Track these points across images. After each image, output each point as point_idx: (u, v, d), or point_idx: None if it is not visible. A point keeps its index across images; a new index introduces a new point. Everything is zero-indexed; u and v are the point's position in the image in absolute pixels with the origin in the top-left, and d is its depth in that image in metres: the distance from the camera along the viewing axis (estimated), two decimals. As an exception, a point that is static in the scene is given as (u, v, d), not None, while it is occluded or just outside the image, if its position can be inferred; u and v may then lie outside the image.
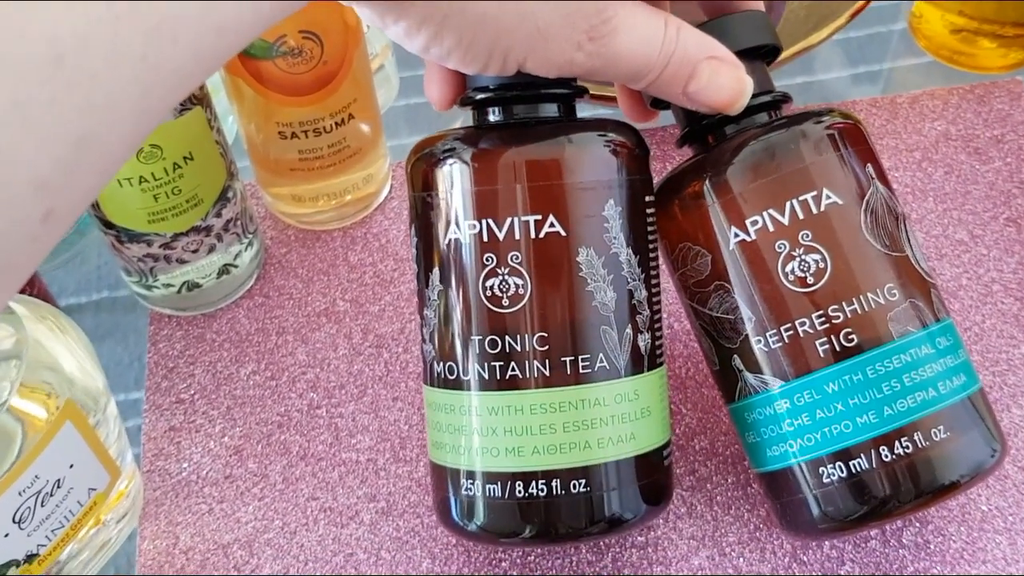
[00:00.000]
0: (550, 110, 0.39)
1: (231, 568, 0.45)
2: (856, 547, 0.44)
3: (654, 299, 0.40)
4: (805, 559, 0.44)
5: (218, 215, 0.49)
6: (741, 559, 0.44)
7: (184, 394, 0.50)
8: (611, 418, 0.38)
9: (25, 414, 0.38)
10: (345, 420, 0.49)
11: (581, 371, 0.37)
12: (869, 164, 0.39)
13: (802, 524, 0.40)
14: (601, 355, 0.38)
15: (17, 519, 0.38)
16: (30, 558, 0.40)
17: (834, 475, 0.38)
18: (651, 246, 0.40)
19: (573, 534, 0.38)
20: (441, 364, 0.39)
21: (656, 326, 0.40)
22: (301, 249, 0.55)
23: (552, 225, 0.37)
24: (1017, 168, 0.57)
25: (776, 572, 0.44)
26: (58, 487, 0.40)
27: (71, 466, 0.40)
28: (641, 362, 0.39)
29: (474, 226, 0.37)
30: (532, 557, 0.45)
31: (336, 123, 0.50)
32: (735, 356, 0.40)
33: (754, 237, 0.38)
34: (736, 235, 0.38)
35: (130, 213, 0.46)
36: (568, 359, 0.37)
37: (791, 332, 0.38)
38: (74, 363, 0.41)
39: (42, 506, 0.39)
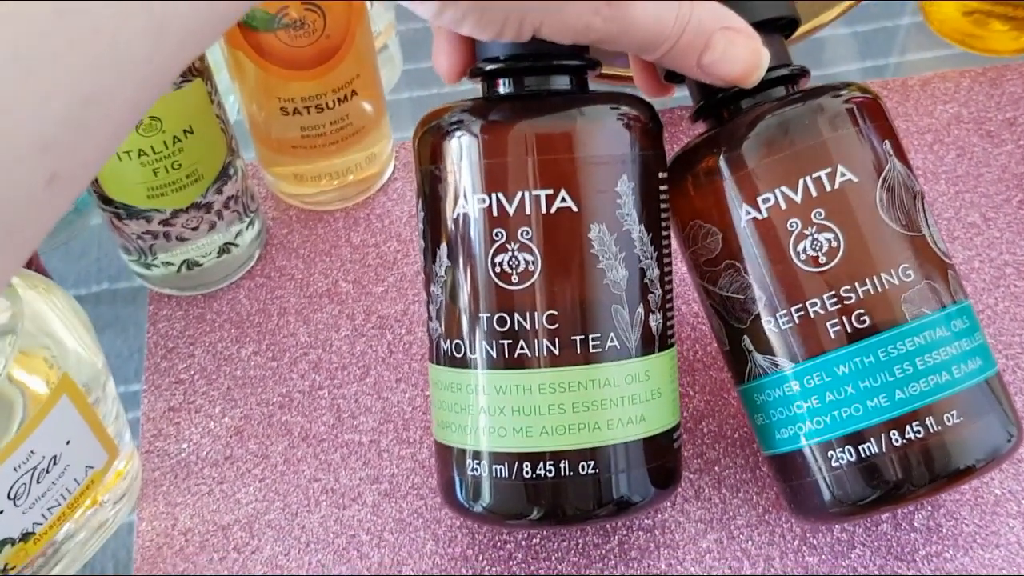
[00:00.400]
0: (562, 83, 0.38)
1: (231, 549, 0.44)
2: (867, 530, 0.43)
3: (666, 278, 0.39)
4: (815, 542, 0.43)
5: (219, 192, 0.48)
6: (750, 542, 0.44)
7: (184, 374, 0.50)
8: (621, 399, 0.37)
9: (25, 386, 0.37)
10: (347, 401, 0.48)
11: (591, 350, 0.36)
12: (887, 140, 0.38)
13: (811, 508, 0.39)
14: (612, 335, 0.37)
15: (12, 495, 0.38)
16: (26, 536, 0.39)
17: (844, 459, 0.37)
18: (664, 223, 0.39)
19: (581, 516, 0.37)
20: (448, 342, 0.38)
21: (668, 306, 0.39)
22: (303, 230, 0.55)
23: (564, 200, 0.36)
24: (1030, 150, 0.56)
25: (785, 555, 0.43)
26: (54, 463, 0.39)
27: (68, 442, 0.39)
28: (652, 342, 0.38)
29: (484, 200, 0.36)
30: (537, 539, 0.44)
31: (338, 99, 0.49)
32: (745, 336, 0.39)
33: (766, 215, 0.37)
34: (748, 213, 0.38)
35: (129, 188, 0.45)
36: (578, 338, 0.36)
37: (802, 313, 0.37)
38: (73, 337, 0.40)
39: (38, 483, 0.38)
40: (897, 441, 0.36)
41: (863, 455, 0.37)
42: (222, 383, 0.49)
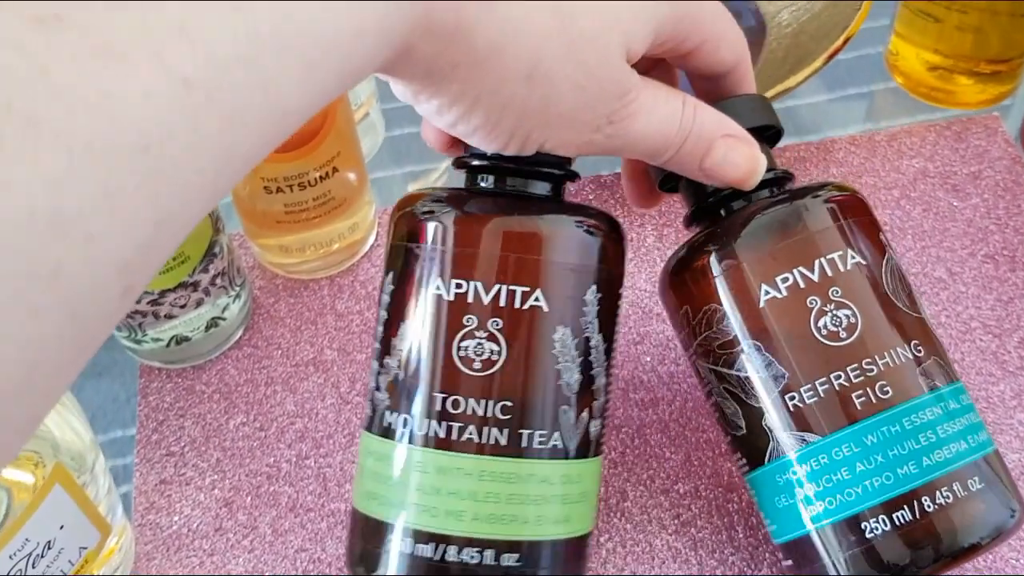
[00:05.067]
0: (541, 188, 0.40)
1: (222, 621, 0.46)
2: None
3: (609, 388, 0.40)
4: (789, 602, 0.45)
5: (205, 270, 0.49)
6: (726, 603, 0.45)
7: (174, 447, 0.51)
8: (553, 497, 0.38)
9: (11, 482, 0.39)
10: (334, 470, 0.50)
11: (536, 445, 0.37)
12: (881, 233, 0.41)
13: None
14: (557, 434, 0.38)
15: (8, 581, 0.39)
16: (22, 618, 0.41)
17: (878, 529, 0.38)
18: (616, 335, 0.41)
19: None
20: (393, 414, 0.38)
21: (606, 414, 0.40)
22: (289, 299, 0.56)
23: (537, 299, 0.37)
24: (994, 204, 0.58)
25: (760, 616, 0.44)
26: (49, 548, 0.40)
27: (61, 527, 0.40)
28: (588, 447, 0.39)
29: (460, 285, 0.37)
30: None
31: (320, 176, 0.51)
32: (765, 415, 0.40)
33: (785, 294, 0.39)
34: (767, 292, 0.39)
35: (118, 272, 0.47)
36: (526, 432, 0.37)
37: (826, 386, 0.39)
38: (59, 425, 0.41)
39: (33, 568, 0.40)
40: (929, 507, 0.37)
41: (897, 523, 0.38)
42: (211, 455, 0.51)
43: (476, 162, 0.39)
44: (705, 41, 0.38)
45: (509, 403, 0.37)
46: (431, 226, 0.38)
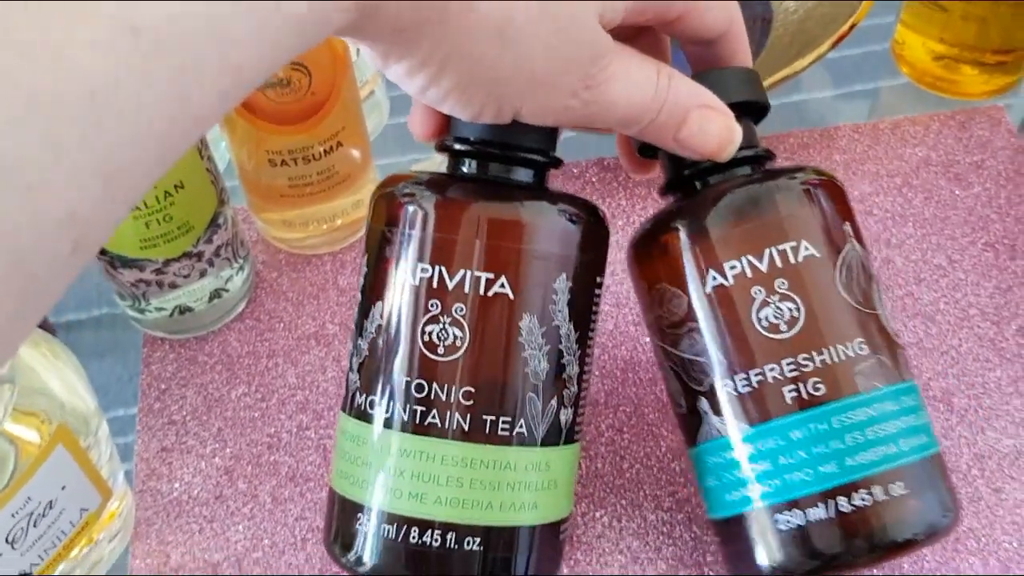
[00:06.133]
0: (524, 175, 0.39)
1: (220, 587, 0.46)
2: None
3: (584, 376, 0.40)
4: (781, 579, 0.45)
5: (209, 241, 0.50)
6: (718, 579, 0.45)
7: (176, 415, 0.52)
8: (518, 484, 0.38)
9: (18, 438, 0.39)
10: (334, 441, 0.50)
11: (500, 432, 0.38)
12: (847, 222, 0.40)
13: (754, 570, 0.40)
14: (522, 421, 0.38)
15: (10, 540, 0.39)
16: (23, 577, 0.41)
17: (791, 523, 0.38)
18: (592, 324, 0.40)
19: None
20: (363, 396, 0.39)
21: (581, 403, 0.40)
22: (292, 273, 0.57)
23: (502, 286, 0.37)
24: (996, 194, 0.58)
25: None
26: (50, 508, 0.41)
27: (63, 488, 0.41)
28: (559, 435, 0.39)
29: (426, 270, 0.37)
30: None
31: (325, 151, 0.51)
32: (702, 399, 0.40)
33: (732, 282, 0.39)
34: (715, 279, 0.39)
35: (122, 240, 0.47)
36: (489, 418, 0.37)
37: (760, 377, 0.38)
38: (65, 388, 0.42)
39: (34, 527, 0.40)
40: (844, 508, 0.37)
41: (810, 520, 0.38)
42: (213, 424, 0.51)
43: (457, 146, 0.39)
44: (690, 8, 0.37)
45: (472, 389, 0.37)
46: (406, 210, 0.38)
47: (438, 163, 0.63)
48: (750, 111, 0.41)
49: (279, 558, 0.47)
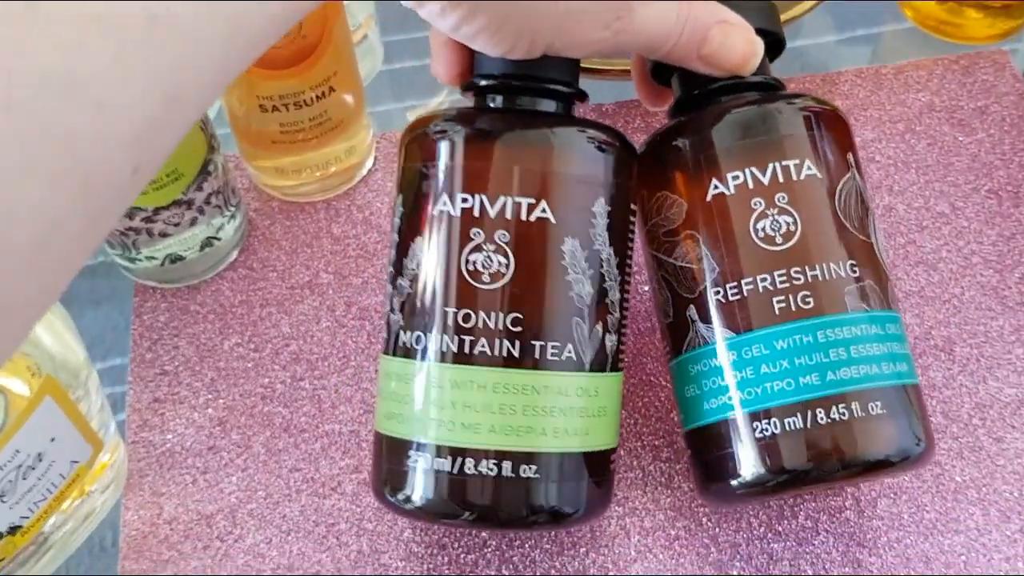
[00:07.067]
0: (550, 106, 0.40)
1: (214, 538, 0.46)
2: (831, 517, 0.45)
3: (625, 304, 0.40)
4: (780, 529, 0.45)
5: (199, 189, 0.49)
6: (718, 528, 0.45)
7: (168, 366, 0.51)
8: (569, 409, 0.38)
9: (7, 390, 0.39)
10: (328, 392, 0.50)
11: (548, 357, 0.37)
12: (850, 153, 0.41)
13: (726, 482, 0.40)
14: (570, 345, 0.38)
15: (-1, 492, 0.39)
16: (13, 530, 0.41)
17: (769, 430, 0.38)
18: (629, 253, 0.41)
19: (514, 520, 0.38)
20: (408, 333, 0.39)
21: (623, 331, 0.40)
22: (285, 221, 0.56)
23: (544, 211, 0.37)
24: (1000, 140, 0.57)
25: (751, 541, 0.45)
26: (39, 460, 0.40)
27: (52, 440, 0.40)
28: (605, 362, 0.39)
29: (466, 200, 0.38)
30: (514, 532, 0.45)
31: (317, 96, 0.50)
32: (691, 306, 0.40)
33: (732, 191, 0.39)
34: (716, 187, 0.39)
35: (111, 187, 0.46)
36: (538, 344, 0.37)
37: (751, 286, 0.39)
38: (55, 339, 0.41)
39: (24, 479, 0.40)
40: (823, 419, 0.37)
41: (788, 428, 0.38)
42: (206, 374, 0.50)
43: (484, 82, 0.40)
44: None
45: (519, 315, 0.37)
46: (441, 145, 0.39)
47: (434, 107, 0.62)
48: (765, 43, 0.41)
49: (274, 509, 0.46)
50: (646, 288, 0.52)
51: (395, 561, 0.45)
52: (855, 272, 0.39)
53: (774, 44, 0.42)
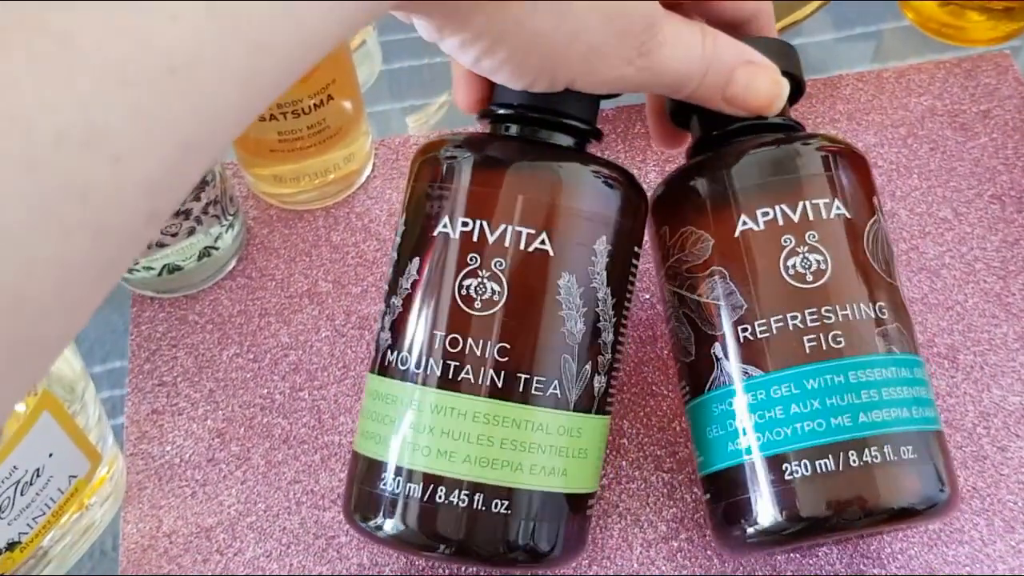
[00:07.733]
0: (564, 140, 0.40)
1: (214, 551, 0.45)
2: (834, 529, 0.45)
3: (618, 347, 0.40)
4: (784, 541, 0.44)
5: (196, 198, 0.48)
6: (720, 541, 0.45)
7: (167, 376, 0.51)
8: (549, 448, 0.37)
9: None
10: (328, 402, 0.49)
11: (533, 391, 0.37)
12: (875, 197, 0.41)
13: (746, 527, 0.39)
14: (556, 382, 0.37)
15: (-3, 509, 0.39)
16: (12, 546, 0.40)
17: (798, 472, 0.37)
18: (628, 296, 0.40)
19: (485, 555, 0.37)
20: (395, 354, 0.38)
21: (613, 373, 0.40)
22: (284, 229, 0.55)
23: (543, 243, 0.37)
24: (1003, 144, 0.57)
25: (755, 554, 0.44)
26: (37, 476, 0.40)
27: (50, 455, 0.40)
28: (591, 403, 0.39)
29: (467, 224, 0.37)
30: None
31: (315, 104, 0.50)
32: (716, 344, 0.39)
33: (762, 227, 0.39)
34: (744, 223, 0.39)
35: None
36: (523, 376, 0.37)
37: (780, 324, 0.38)
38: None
39: (22, 495, 0.39)
40: (854, 462, 0.37)
41: (819, 470, 0.37)
42: (204, 385, 0.50)
43: (501, 111, 0.40)
44: None
45: (507, 345, 0.37)
46: (449, 168, 0.38)
47: (433, 111, 0.62)
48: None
49: (273, 522, 0.46)
50: (647, 296, 0.52)
51: (396, 574, 0.45)
52: (884, 314, 0.38)
53: (794, 87, 0.42)
